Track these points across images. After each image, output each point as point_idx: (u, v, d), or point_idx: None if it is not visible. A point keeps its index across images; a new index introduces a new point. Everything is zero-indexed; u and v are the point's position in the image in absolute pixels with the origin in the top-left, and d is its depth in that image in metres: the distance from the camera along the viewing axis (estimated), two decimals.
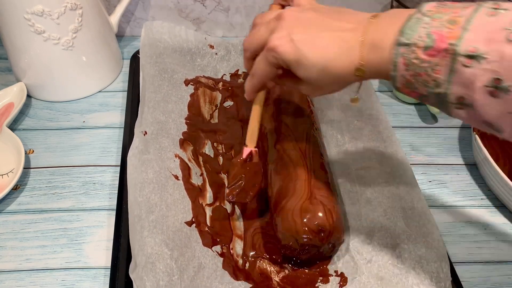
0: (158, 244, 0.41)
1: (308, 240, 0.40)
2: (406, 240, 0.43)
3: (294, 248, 0.41)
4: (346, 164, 0.52)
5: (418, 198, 0.47)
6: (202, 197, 0.48)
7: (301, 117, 0.50)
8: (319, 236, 0.39)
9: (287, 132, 0.48)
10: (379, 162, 0.51)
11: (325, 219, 0.40)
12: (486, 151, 0.50)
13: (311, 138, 0.48)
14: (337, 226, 0.40)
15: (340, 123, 0.57)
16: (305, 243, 0.40)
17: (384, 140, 0.53)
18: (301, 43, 0.34)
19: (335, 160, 0.52)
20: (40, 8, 0.53)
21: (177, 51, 0.65)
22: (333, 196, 0.43)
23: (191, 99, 0.59)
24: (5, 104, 0.58)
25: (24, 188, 0.51)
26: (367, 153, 0.52)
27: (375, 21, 0.32)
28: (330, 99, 0.60)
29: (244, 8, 0.73)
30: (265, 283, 0.42)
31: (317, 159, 0.46)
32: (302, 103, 0.52)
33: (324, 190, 0.42)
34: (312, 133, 0.48)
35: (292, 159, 0.45)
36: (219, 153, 0.53)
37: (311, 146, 0.47)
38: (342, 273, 0.42)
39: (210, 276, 0.41)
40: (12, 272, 0.43)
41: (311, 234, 0.39)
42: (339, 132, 0.56)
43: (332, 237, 0.40)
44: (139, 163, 0.47)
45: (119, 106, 0.62)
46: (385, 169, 0.50)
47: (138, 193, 0.44)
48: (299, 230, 0.39)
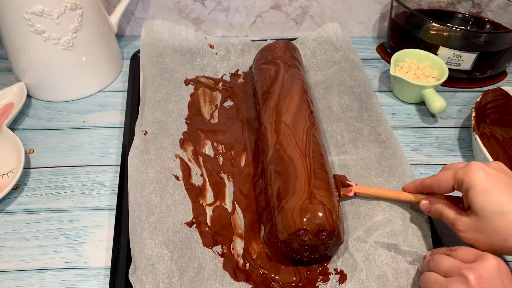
0: (158, 245, 0.41)
1: (308, 240, 0.40)
2: (404, 239, 0.43)
3: (294, 248, 0.41)
4: (346, 165, 0.52)
5: None
6: (203, 197, 0.48)
7: (301, 117, 0.50)
8: (319, 236, 0.39)
9: (286, 131, 0.48)
10: (378, 162, 0.51)
11: (325, 219, 0.40)
12: (486, 151, 0.50)
13: (311, 138, 0.48)
14: (337, 226, 0.40)
15: (340, 123, 0.57)
16: (305, 243, 0.40)
17: (383, 141, 0.53)
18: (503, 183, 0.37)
19: (335, 160, 0.53)
20: (40, 8, 0.53)
21: (177, 51, 0.65)
22: (333, 196, 0.43)
23: (191, 99, 0.59)
24: (5, 104, 0.58)
25: (24, 188, 0.51)
26: (367, 153, 0.52)
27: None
28: (330, 100, 0.60)
29: (244, 8, 0.73)
30: (266, 283, 0.42)
31: (317, 158, 0.46)
32: (302, 102, 0.52)
33: (324, 190, 0.42)
34: (312, 132, 0.48)
35: (292, 158, 0.45)
36: (219, 153, 0.53)
37: (311, 145, 0.47)
38: (341, 270, 0.42)
39: (210, 278, 0.41)
40: (12, 272, 0.43)
41: (311, 234, 0.39)
42: (339, 133, 0.56)
43: (332, 237, 0.40)
44: (140, 163, 0.47)
45: (119, 106, 0.62)
46: (384, 169, 0.50)
47: (139, 194, 0.44)
48: (299, 230, 0.40)
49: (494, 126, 0.58)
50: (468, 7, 0.73)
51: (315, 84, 0.63)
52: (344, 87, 0.61)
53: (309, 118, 0.50)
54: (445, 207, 0.41)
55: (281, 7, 0.74)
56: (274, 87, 0.54)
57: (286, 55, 0.59)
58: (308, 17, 0.75)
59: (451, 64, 0.65)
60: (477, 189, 0.37)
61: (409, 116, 0.62)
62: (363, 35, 0.79)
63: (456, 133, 0.60)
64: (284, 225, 0.41)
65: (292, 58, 0.59)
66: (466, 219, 0.38)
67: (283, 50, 0.60)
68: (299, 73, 0.57)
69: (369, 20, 0.76)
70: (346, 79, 0.62)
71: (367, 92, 0.59)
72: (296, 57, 0.61)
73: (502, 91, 0.60)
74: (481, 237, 0.37)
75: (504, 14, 0.70)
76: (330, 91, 0.61)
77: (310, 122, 0.50)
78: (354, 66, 0.63)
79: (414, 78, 0.63)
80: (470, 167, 0.38)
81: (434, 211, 0.42)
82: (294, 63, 0.58)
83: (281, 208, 0.42)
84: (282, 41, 0.63)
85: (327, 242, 0.40)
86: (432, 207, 0.42)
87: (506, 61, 0.67)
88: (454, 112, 0.63)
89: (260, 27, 0.76)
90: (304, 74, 0.58)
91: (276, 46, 0.61)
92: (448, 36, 0.64)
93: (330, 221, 0.40)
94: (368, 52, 0.75)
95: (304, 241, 0.40)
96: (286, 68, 0.57)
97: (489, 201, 0.36)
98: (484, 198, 0.36)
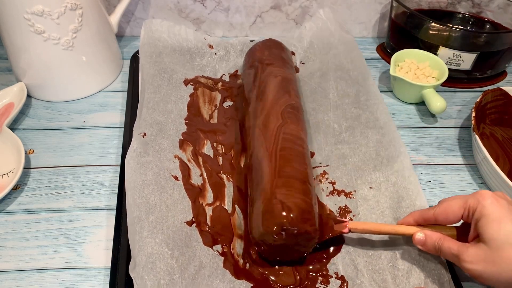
0: (159, 244, 0.41)
1: (274, 242, 0.40)
2: (405, 241, 0.43)
3: (269, 251, 0.41)
4: (343, 155, 0.52)
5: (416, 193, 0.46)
6: (202, 197, 0.48)
7: (273, 116, 0.49)
8: (282, 235, 0.39)
9: (259, 135, 0.48)
10: (376, 152, 0.51)
11: (283, 218, 0.39)
12: (486, 151, 0.50)
13: (281, 135, 0.46)
14: (299, 221, 0.39)
15: (336, 111, 0.56)
16: (274, 245, 0.40)
17: (381, 127, 0.52)
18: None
19: (332, 150, 0.52)
20: (40, 8, 0.53)
21: (176, 51, 0.65)
22: (296, 191, 0.41)
23: (190, 99, 0.59)
24: (5, 104, 0.58)
25: (24, 188, 0.51)
26: (364, 141, 0.52)
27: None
28: (326, 88, 0.60)
29: (244, 8, 0.73)
30: (266, 282, 0.42)
31: (285, 155, 0.44)
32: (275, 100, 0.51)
33: (286, 187, 0.41)
34: (283, 129, 0.47)
35: (260, 162, 0.45)
36: (218, 153, 0.53)
37: (279, 143, 0.45)
38: (342, 276, 0.42)
39: (211, 275, 0.41)
40: (12, 272, 0.43)
41: (274, 236, 0.39)
42: (336, 121, 0.55)
43: (298, 232, 0.39)
44: (138, 165, 0.47)
45: (119, 106, 0.62)
46: (382, 161, 0.50)
47: (137, 195, 0.44)
48: (263, 234, 0.40)
49: (494, 126, 0.58)
50: (468, 7, 0.73)
51: (311, 74, 0.62)
52: (341, 71, 0.61)
53: (282, 115, 0.49)
54: (445, 239, 0.39)
55: (281, 7, 0.74)
56: (252, 92, 0.55)
57: (264, 54, 0.59)
58: (308, 17, 0.75)
59: (451, 64, 0.65)
60: (490, 218, 0.36)
61: (409, 116, 0.62)
62: (363, 35, 0.79)
63: (456, 133, 0.60)
64: (253, 231, 0.41)
65: (270, 56, 0.58)
66: (474, 250, 0.37)
67: (261, 51, 0.60)
68: (276, 70, 0.56)
69: (369, 20, 0.76)
70: (343, 62, 0.62)
71: (363, 74, 0.59)
72: (276, 53, 0.59)
73: (502, 91, 0.60)
74: (490, 268, 0.35)
75: (504, 14, 0.70)
76: (326, 78, 0.61)
77: (282, 119, 0.48)
78: (350, 47, 0.63)
79: (414, 78, 0.63)
80: (482, 196, 0.37)
81: (431, 244, 0.40)
82: (271, 61, 0.57)
83: (250, 214, 0.42)
84: (261, 41, 0.62)
85: (294, 238, 0.39)
86: (428, 240, 0.40)
87: (506, 61, 0.67)
88: (454, 112, 0.63)
89: (260, 27, 0.76)
90: (286, 69, 0.57)
91: (256, 48, 0.61)
92: (448, 36, 0.64)
93: (289, 219, 0.39)
94: (368, 52, 0.75)
95: (270, 244, 0.40)
96: (263, 68, 0.56)
97: (501, 230, 0.35)
98: (497, 228, 0.35)
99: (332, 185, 0.49)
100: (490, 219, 0.36)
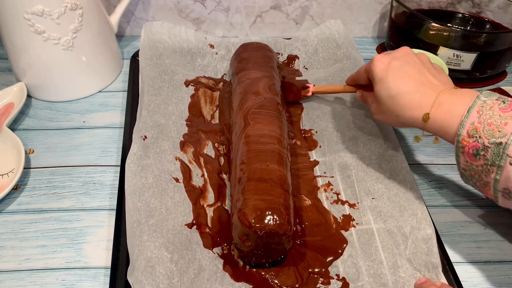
0: (158, 247, 0.41)
1: (247, 248, 0.40)
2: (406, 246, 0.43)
3: (249, 257, 0.42)
4: (346, 164, 0.52)
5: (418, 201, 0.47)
6: (203, 198, 0.48)
7: (237, 123, 0.50)
8: (248, 242, 0.39)
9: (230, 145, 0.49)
10: (379, 165, 0.51)
11: (241, 224, 0.39)
12: None
13: (242, 139, 0.47)
14: (260, 223, 0.38)
15: (341, 120, 0.57)
16: (248, 251, 0.40)
17: (384, 141, 0.53)
18: (393, 70, 0.43)
19: (336, 158, 0.52)
20: (40, 8, 0.53)
21: (177, 52, 0.65)
22: (257, 193, 0.40)
23: (191, 100, 0.59)
24: (5, 104, 0.58)
25: (24, 188, 0.51)
26: (367, 153, 0.52)
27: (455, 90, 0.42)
28: (331, 97, 0.60)
29: (244, 8, 0.73)
30: (266, 284, 0.41)
31: (245, 160, 0.44)
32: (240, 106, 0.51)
33: (240, 194, 0.41)
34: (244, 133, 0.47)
35: (237, 173, 0.44)
36: (220, 154, 0.53)
37: (239, 150, 0.46)
38: (343, 278, 0.42)
39: (210, 278, 0.41)
40: (12, 272, 0.43)
41: (244, 243, 0.40)
42: (339, 130, 0.55)
43: (264, 235, 0.38)
44: (139, 168, 0.47)
45: (119, 106, 0.62)
46: (385, 173, 0.50)
47: (138, 198, 0.44)
48: (237, 243, 0.41)
49: None
50: (468, 7, 0.73)
51: (317, 81, 0.63)
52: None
53: (245, 119, 0.49)
54: (367, 95, 0.51)
55: (281, 7, 0.74)
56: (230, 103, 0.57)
57: (236, 61, 0.60)
58: (308, 17, 0.75)
59: (451, 64, 0.65)
60: (376, 79, 0.45)
61: None
62: (363, 35, 0.79)
63: None
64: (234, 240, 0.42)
65: (241, 62, 0.59)
66: (374, 104, 0.48)
67: (234, 58, 0.61)
68: (244, 74, 0.56)
69: (369, 20, 0.77)
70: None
71: None
72: (244, 57, 0.59)
73: (502, 91, 0.60)
74: (383, 117, 0.46)
75: (504, 14, 0.70)
76: None
77: (244, 123, 0.48)
78: (356, 64, 0.63)
79: None
80: (372, 60, 0.46)
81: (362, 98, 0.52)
82: (240, 67, 0.58)
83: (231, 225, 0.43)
84: (236, 50, 0.63)
85: (263, 241, 0.39)
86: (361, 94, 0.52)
87: (506, 61, 0.67)
88: None
89: (260, 27, 0.76)
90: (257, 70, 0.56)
91: (232, 58, 0.62)
92: (448, 36, 0.64)
93: (246, 223, 0.39)
94: (368, 52, 0.75)
95: (245, 249, 0.40)
96: (234, 76, 0.58)
97: (382, 88, 0.44)
98: (379, 86, 0.44)
99: (337, 195, 0.49)
100: (376, 80, 0.45)
